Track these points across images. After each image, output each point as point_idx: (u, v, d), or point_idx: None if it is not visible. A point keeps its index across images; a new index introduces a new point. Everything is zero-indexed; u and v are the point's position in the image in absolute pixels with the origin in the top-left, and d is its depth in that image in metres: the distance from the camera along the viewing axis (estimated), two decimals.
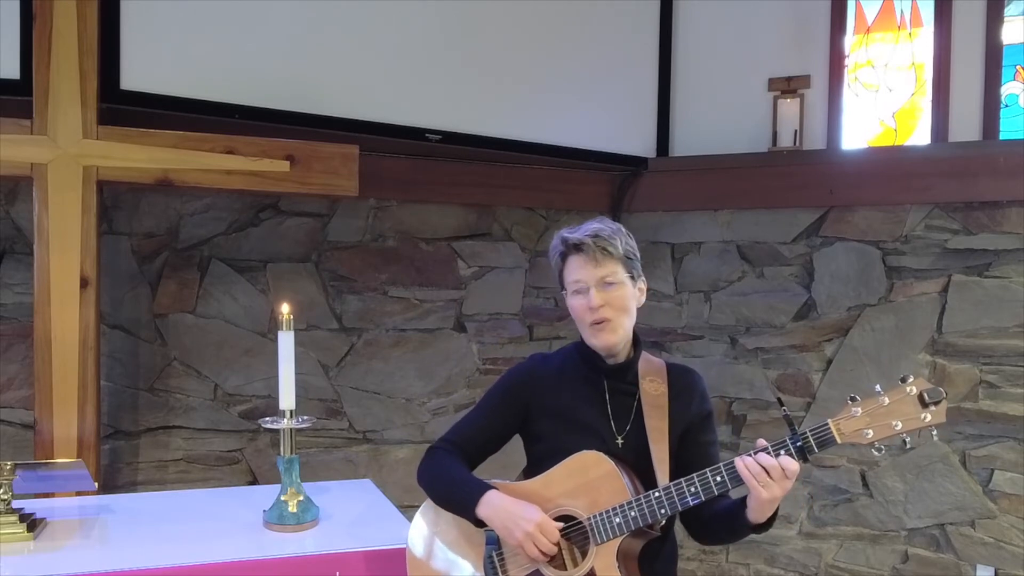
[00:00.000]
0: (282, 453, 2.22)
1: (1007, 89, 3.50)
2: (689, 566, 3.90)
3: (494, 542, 1.83)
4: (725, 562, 3.85)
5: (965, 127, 3.51)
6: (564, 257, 1.88)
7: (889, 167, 3.49)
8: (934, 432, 1.63)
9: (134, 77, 2.78)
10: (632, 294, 1.86)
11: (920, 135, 3.66)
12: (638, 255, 1.89)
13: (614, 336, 1.84)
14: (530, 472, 1.92)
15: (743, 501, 1.71)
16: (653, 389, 1.88)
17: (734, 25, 3.90)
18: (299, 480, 2.23)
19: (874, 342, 3.51)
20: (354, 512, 2.33)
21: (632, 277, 1.86)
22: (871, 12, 3.75)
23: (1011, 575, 3.29)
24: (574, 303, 1.86)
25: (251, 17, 2.97)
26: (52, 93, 2.59)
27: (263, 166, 2.80)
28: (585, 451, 1.79)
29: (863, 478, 3.57)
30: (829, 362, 3.61)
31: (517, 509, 1.76)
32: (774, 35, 3.82)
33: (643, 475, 1.81)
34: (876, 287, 3.51)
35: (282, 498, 2.20)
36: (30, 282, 2.73)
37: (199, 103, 2.89)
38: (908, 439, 1.63)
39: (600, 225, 1.86)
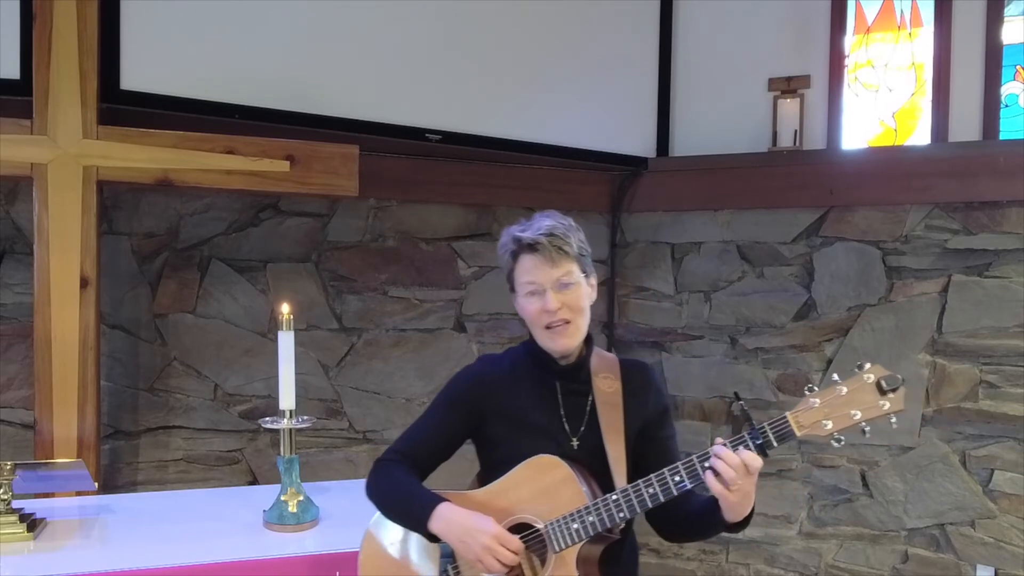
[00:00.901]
0: (282, 453, 2.22)
1: (1007, 89, 3.50)
2: (689, 566, 3.90)
3: (449, 555, 1.76)
4: (725, 562, 3.85)
5: (965, 127, 3.50)
6: (516, 256, 1.78)
7: (889, 167, 3.49)
8: (893, 420, 1.59)
9: (134, 77, 2.79)
10: (587, 293, 1.79)
11: (920, 135, 3.66)
12: (589, 251, 1.82)
13: (572, 340, 1.77)
14: (484, 479, 1.85)
15: (716, 500, 1.65)
16: (607, 387, 1.81)
17: (734, 25, 3.90)
18: (299, 480, 2.23)
19: (874, 342, 3.51)
20: (354, 512, 2.32)
21: (585, 275, 1.79)
22: (871, 12, 3.75)
23: (1011, 575, 3.29)
24: (527, 305, 1.77)
25: (251, 17, 2.97)
26: (52, 93, 2.60)
27: (263, 166, 2.80)
28: (540, 455, 1.72)
29: (863, 478, 3.57)
30: (829, 362, 3.61)
31: (472, 522, 1.67)
32: (774, 35, 3.82)
33: (600, 476, 1.74)
34: (876, 287, 3.51)
35: (282, 498, 2.20)
36: (30, 282, 2.73)
37: (199, 103, 2.89)
38: (867, 428, 1.58)
39: (553, 222, 1.77)
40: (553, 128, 3.63)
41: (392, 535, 1.86)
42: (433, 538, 1.72)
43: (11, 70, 2.65)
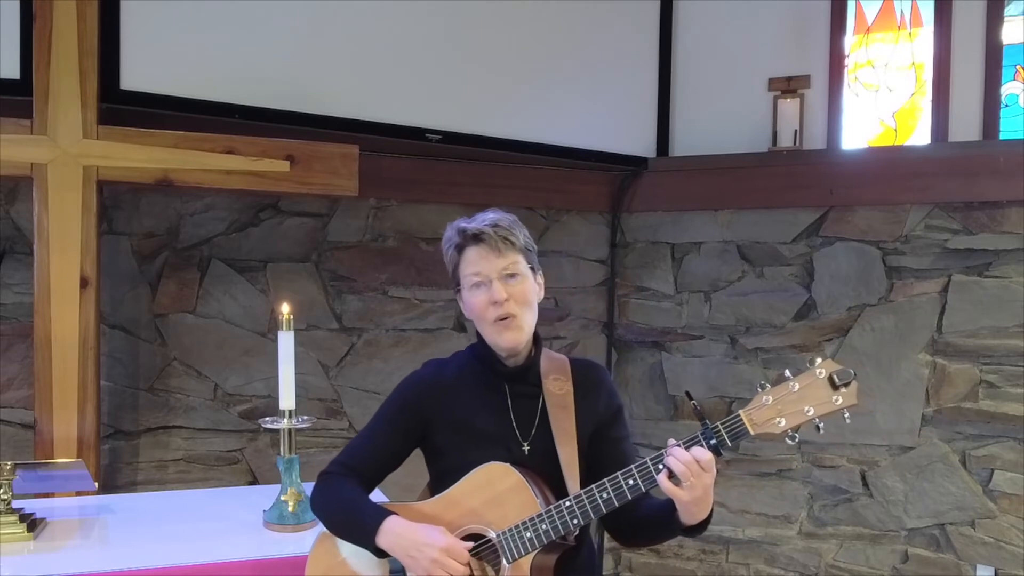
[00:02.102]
0: (282, 453, 2.22)
1: (1007, 89, 3.50)
2: (689, 566, 3.90)
3: (400, 571, 1.70)
4: (725, 562, 3.85)
5: (965, 127, 3.50)
6: (461, 249, 1.76)
7: (889, 167, 3.49)
8: (846, 415, 1.55)
9: (134, 77, 2.78)
10: (533, 288, 1.76)
11: (920, 135, 3.66)
12: (535, 247, 1.79)
13: (520, 334, 1.72)
14: (434, 489, 1.81)
15: (672, 502, 1.60)
16: (557, 388, 1.76)
17: (734, 25, 3.90)
18: (299, 480, 2.23)
19: (874, 342, 3.51)
20: None
21: (533, 270, 1.76)
22: (871, 12, 3.75)
23: (1011, 575, 3.29)
24: (472, 298, 1.74)
25: (251, 17, 2.97)
26: (52, 93, 2.60)
27: (263, 166, 2.80)
28: (490, 463, 1.68)
29: (863, 478, 3.57)
30: None
31: (420, 535, 1.63)
32: (774, 35, 3.82)
33: (553, 481, 1.70)
34: (876, 287, 3.51)
35: (282, 498, 2.20)
36: (30, 282, 2.73)
37: (199, 103, 2.89)
38: (821, 425, 1.56)
39: (496, 215, 1.75)
40: (553, 128, 3.63)
41: (338, 551, 1.79)
42: (381, 553, 1.68)
43: (11, 70, 2.65)
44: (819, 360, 1.58)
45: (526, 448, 1.74)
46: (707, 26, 3.96)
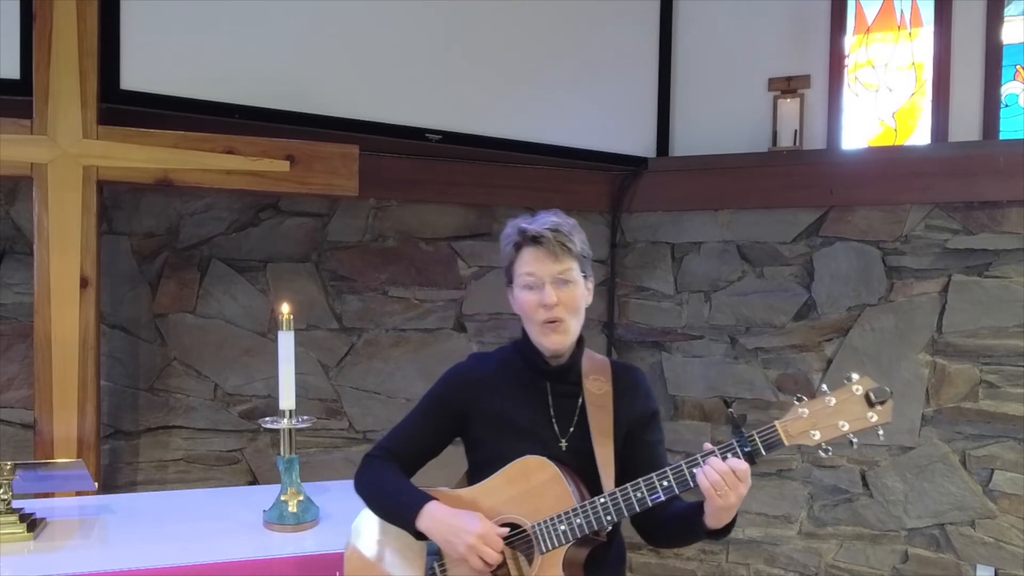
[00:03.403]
0: (282, 453, 2.22)
1: (1007, 89, 3.50)
2: (689, 566, 3.90)
3: (435, 553, 1.77)
4: (725, 562, 3.85)
5: (965, 127, 3.50)
6: (518, 247, 1.79)
7: (889, 167, 3.49)
8: (880, 432, 1.60)
9: (134, 77, 2.78)
10: (583, 294, 1.80)
11: (920, 135, 3.65)
12: (591, 254, 1.83)
13: (565, 337, 1.77)
14: (471, 477, 1.86)
15: (700, 506, 1.66)
16: (597, 388, 1.81)
17: (734, 25, 3.90)
18: (299, 480, 2.23)
19: (874, 342, 3.51)
20: (354, 512, 2.32)
21: (585, 276, 1.80)
22: (871, 12, 3.75)
23: (1011, 575, 3.29)
24: (523, 297, 1.78)
25: (251, 17, 2.97)
26: (52, 93, 2.60)
27: (263, 166, 2.80)
28: (527, 456, 1.73)
29: (863, 478, 3.57)
30: (829, 362, 3.61)
31: (458, 521, 1.69)
32: (774, 35, 3.82)
33: (588, 478, 1.75)
34: (876, 287, 3.51)
35: (282, 498, 2.20)
36: (30, 282, 2.73)
37: (199, 103, 2.89)
38: (855, 440, 1.60)
39: (558, 219, 1.78)
40: (553, 128, 3.63)
41: (378, 531, 1.86)
42: (420, 536, 1.74)
43: (11, 70, 2.65)
44: (856, 376, 1.61)
45: (563, 445, 1.79)
46: (707, 26, 3.96)
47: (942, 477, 3.41)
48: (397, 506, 1.78)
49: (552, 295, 1.73)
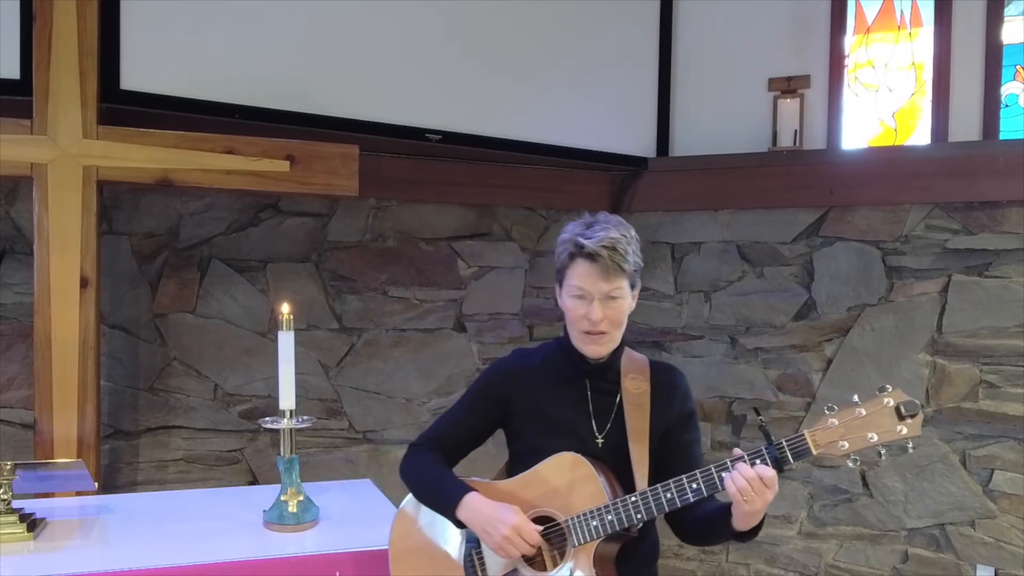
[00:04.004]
0: (282, 453, 2.22)
1: (1007, 89, 3.50)
2: (689, 566, 3.90)
3: (473, 541, 1.84)
4: (725, 562, 3.85)
5: (965, 127, 3.50)
6: (573, 258, 1.80)
7: (889, 167, 3.49)
8: (910, 445, 1.61)
9: (134, 77, 2.78)
10: (629, 306, 1.84)
11: (920, 135, 3.65)
12: (642, 264, 1.85)
13: (604, 348, 1.84)
14: (511, 468, 1.93)
15: (728, 508, 1.70)
16: (635, 387, 1.86)
17: (734, 25, 3.90)
18: (299, 480, 2.23)
19: (874, 342, 3.51)
20: (354, 512, 2.33)
21: (632, 288, 1.84)
22: (871, 12, 3.75)
23: (1011, 575, 3.29)
24: (571, 305, 1.82)
25: (251, 17, 2.97)
26: (52, 93, 2.59)
27: (263, 166, 2.80)
28: (563, 453, 1.79)
29: (863, 478, 3.57)
30: (829, 362, 3.61)
31: (495, 512, 1.76)
32: (774, 35, 3.82)
33: (622, 475, 1.80)
34: (876, 287, 3.51)
35: (282, 498, 2.20)
36: (30, 282, 2.73)
37: (199, 103, 2.89)
38: (884, 452, 1.62)
39: (616, 234, 1.77)
40: (553, 128, 3.63)
41: (421, 517, 1.94)
42: (460, 524, 1.81)
43: (11, 70, 2.65)
44: (888, 388, 1.62)
45: (600, 441, 1.85)
46: (707, 26, 3.96)
47: (942, 477, 3.41)
48: (439, 495, 1.85)
49: (598, 312, 1.78)
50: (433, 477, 1.89)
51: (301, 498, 2.21)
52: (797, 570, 3.71)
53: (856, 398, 1.63)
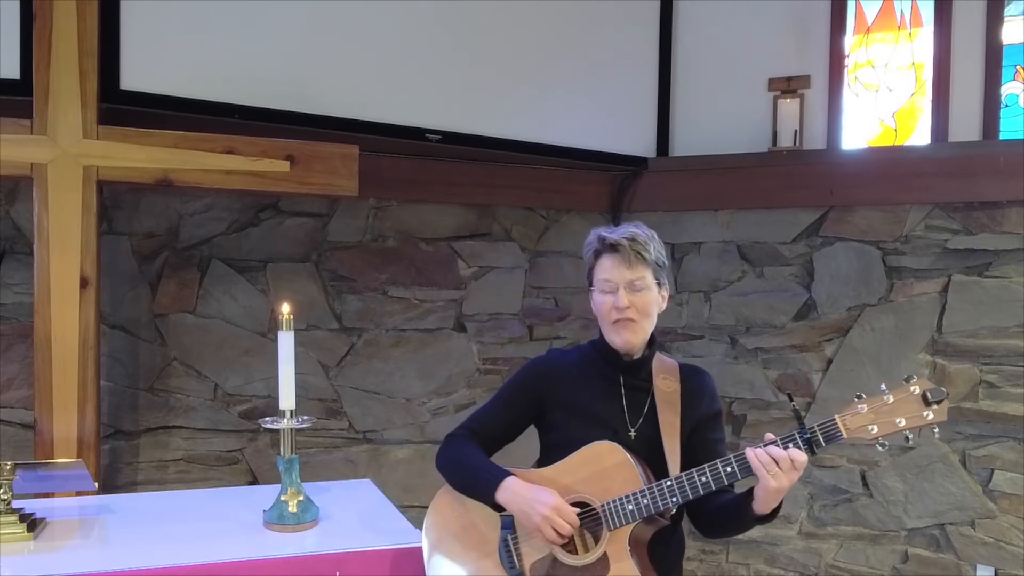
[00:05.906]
0: (282, 453, 2.22)
1: (1007, 89, 3.50)
2: (689, 566, 3.90)
3: (509, 527, 1.89)
4: (725, 562, 3.85)
5: (965, 127, 3.50)
6: (598, 255, 1.94)
7: (889, 167, 3.49)
8: (935, 430, 1.70)
9: (134, 77, 2.78)
10: (656, 300, 1.94)
11: (920, 135, 3.66)
12: (667, 264, 1.97)
13: (635, 337, 1.92)
14: (543, 460, 2.00)
15: (749, 493, 1.77)
16: (666, 386, 1.95)
17: (734, 25, 3.90)
18: (299, 480, 2.22)
19: (874, 342, 3.51)
20: (354, 512, 2.33)
21: (658, 284, 1.94)
22: (871, 12, 3.75)
23: (1011, 575, 3.29)
24: (600, 300, 1.93)
25: (251, 17, 2.97)
26: (52, 93, 2.59)
27: (263, 166, 2.80)
28: (600, 441, 1.87)
29: (863, 478, 3.57)
30: (829, 362, 3.61)
31: (534, 494, 1.82)
32: (774, 35, 3.82)
33: (654, 467, 1.88)
34: (876, 287, 3.51)
35: (282, 498, 2.19)
36: (30, 282, 2.73)
37: (199, 103, 2.89)
38: (911, 436, 1.69)
39: (637, 230, 1.92)
40: (553, 128, 3.63)
41: (457, 505, 1.99)
42: (498, 508, 1.89)
43: (11, 70, 2.65)
44: (915, 377, 1.72)
45: (632, 434, 1.93)
46: (707, 26, 3.96)
47: (942, 477, 3.41)
48: (478, 479, 1.93)
49: (625, 298, 1.89)
50: (473, 463, 1.96)
51: (301, 498, 2.20)
52: (797, 570, 3.71)
53: (884, 387, 1.71)
